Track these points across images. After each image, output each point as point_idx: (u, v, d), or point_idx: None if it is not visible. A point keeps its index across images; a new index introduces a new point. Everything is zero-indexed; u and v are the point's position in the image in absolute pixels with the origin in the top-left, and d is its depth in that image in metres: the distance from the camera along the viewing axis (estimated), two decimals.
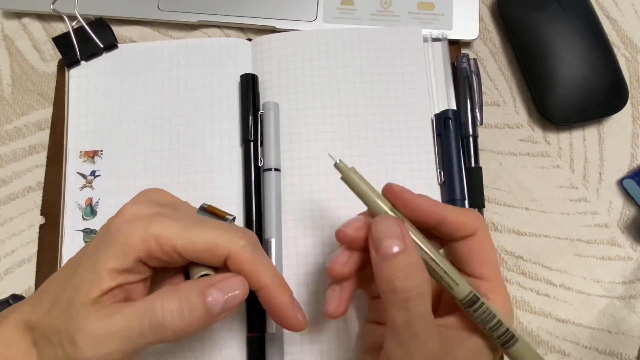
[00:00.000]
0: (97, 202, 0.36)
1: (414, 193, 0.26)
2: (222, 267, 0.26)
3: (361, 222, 0.26)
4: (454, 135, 0.36)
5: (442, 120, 0.37)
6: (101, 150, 0.38)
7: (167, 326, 0.23)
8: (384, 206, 0.25)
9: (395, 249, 0.23)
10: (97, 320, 0.23)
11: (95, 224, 0.36)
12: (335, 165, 0.26)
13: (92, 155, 0.37)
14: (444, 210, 0.25)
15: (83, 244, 0.36)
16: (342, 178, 0.26)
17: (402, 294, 0.22)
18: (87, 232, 0.36)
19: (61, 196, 0.37)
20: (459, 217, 0.25)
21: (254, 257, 0.25)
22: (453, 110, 0.37)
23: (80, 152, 0.38)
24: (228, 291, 0.24)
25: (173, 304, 0.23)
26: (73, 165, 0.37)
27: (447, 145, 0.36)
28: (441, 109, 0.38)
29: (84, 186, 0.37)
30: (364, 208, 0.26)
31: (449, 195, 0.35)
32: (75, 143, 0.38)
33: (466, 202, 0.35)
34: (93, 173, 0.37)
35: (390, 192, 0.26)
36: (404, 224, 0.24)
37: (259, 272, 0.25)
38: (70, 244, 0.36)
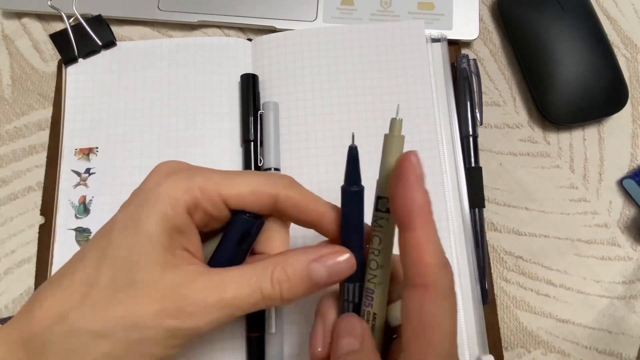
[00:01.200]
0: (91, 200, 0.36)
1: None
2: (268, 213, 0.25)
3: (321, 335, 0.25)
4: None
5: None
6: (96, 148, 0.37)
7: (277, 298, 0.23)
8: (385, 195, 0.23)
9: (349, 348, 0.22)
10: (206, 289, 0.22)
11: (88, 222, 0.36)
12: (395, 119, 0.23)
13: (87, 152, 0.37)
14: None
15: (75, 244, 0.35)
16: (387, 135, 0.23)
17: None
18: (80, 231, 0.36)
19: (55, 194, 0.37)
20: (424, 248, 0.21)
21: (302, 192, 0.24)
22: None
23: (75, 149, 0.37)
24: (332, 266, 0.23)
25: (282, 276, 0.23)
26: (68, 163, 0.37)
27: None
28: (441, 110, 0.38)
29: (78, 184, 0.37)
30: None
31: None
32: (70, 140, 0.38)
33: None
34: (88, 171, 0.37)
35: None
36: (365, 323, 0.24)
37: (312, 202, 0.24)
38: (62, 244, 0.36)
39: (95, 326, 0.21)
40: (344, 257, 0.23)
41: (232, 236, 0.25)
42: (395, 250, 0.23)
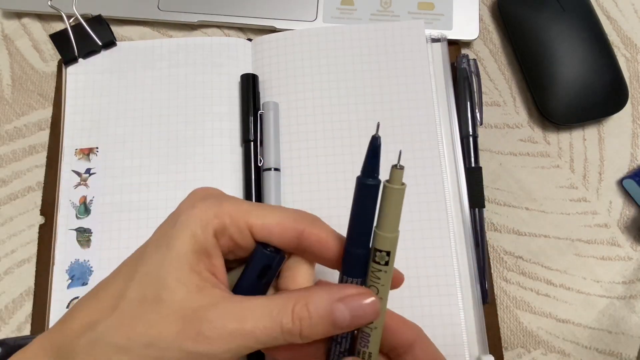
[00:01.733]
0: (92, 200, 0.36)
1: None
2: (291, 247, 0.25)
3: None
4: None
5: None
6: (97, 148, 0.37)
7: (296, 334, 0.22)
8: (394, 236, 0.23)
9: None
10: (226, 316, 0.21)
11: (89, 222, 0.36)
12: (396, 167, 0.22)
13: (87, 152, 0.37)
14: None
15: (76, 244, 0.36)
16: (387, 186, 0.22)
17: None
18: (81, 231, 0.36)
19: (56, 195, 0.37)
20: (394, 320, 0.25)
21: (327, 229, 0.24)
22: None
23: (76, 149, 0.37)
24: (356, 309, 0.22)
25: (303, 312, 0.22)
26: (68, 163, 0.37)
27: None
28: (441, 110, 0.38)
29: (79, 184, 0.37)
30: None
31: None
32: (70, 140, 0.38)
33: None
34: (88, 171, 0.37)
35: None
36: None
37: (337, 239, 0.24)
38: (63, 244, 0.36)
39: (118, 340, 0.21)
40: (368, 300, 0.23)
41: (252, 269, 0.25)
42: None
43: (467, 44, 0.42)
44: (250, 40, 0.40)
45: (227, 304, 0.22)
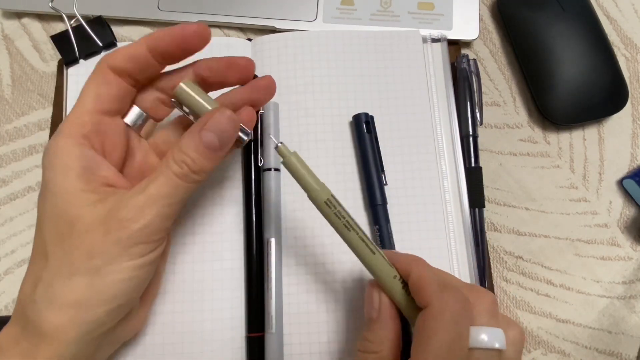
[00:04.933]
0: None
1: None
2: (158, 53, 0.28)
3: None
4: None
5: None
6: None
7: (189, 173, 0.26)
8: (324, 194, 0.27)
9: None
10: (133, 196, 0.25)
11: None
12: (276, 148, 0.27)
13: None
14: (413, 265, 0.26)
15: None
16: (282, 162, 0.27)
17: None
18: None
19: None
20: (422, 277, 0.25)
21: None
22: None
23: None
24: (215, 127, 0.26)
25: (182, 157, 0.26)
26: None
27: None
28: (441, 110, 0.38)
29: None
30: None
31: None
32: None
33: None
34: None
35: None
36: (382, 294, 0.27)
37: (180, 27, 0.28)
38: None
39: (65, 274, 0.24)
40: (223, 115, 0.26)
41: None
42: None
43: (467, 44, 0.42)
44: (250, 40, 0.40)
45: (131, 190, 0.25)
